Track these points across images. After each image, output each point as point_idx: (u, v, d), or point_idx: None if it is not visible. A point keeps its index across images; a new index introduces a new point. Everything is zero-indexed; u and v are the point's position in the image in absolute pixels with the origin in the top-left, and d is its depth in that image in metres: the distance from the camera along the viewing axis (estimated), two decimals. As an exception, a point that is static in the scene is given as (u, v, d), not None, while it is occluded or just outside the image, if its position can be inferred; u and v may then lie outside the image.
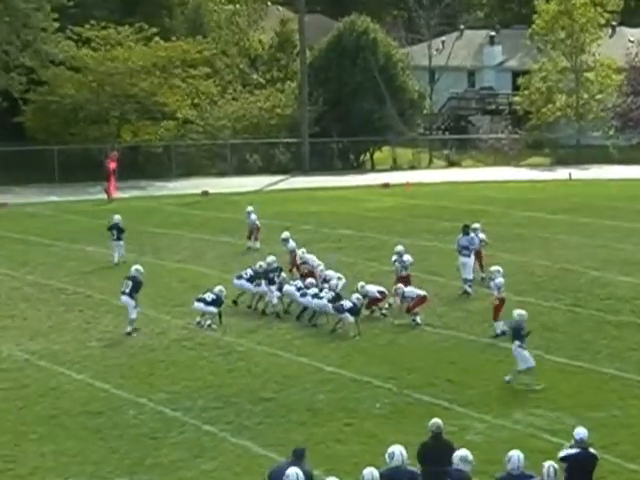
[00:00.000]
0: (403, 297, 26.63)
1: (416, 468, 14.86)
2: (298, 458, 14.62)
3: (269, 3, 73.18)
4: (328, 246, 36.37)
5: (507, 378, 22.32)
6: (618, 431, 19.45)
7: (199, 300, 26.91)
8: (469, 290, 29.50)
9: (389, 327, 26.58)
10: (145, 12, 61.44)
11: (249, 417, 20.58)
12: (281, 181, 55.36)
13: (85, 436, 19.75)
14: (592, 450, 15.68)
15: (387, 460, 14.54)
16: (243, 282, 28.42)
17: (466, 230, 30.37)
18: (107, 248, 34.97)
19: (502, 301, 25.61)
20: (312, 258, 29.83)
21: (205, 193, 50.10)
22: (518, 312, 22.66)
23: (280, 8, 75.32)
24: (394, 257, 28.77)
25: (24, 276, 32.71)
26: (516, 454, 14.70)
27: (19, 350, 25.06)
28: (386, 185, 52.54)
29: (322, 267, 29.20)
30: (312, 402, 21.37)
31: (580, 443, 15.59)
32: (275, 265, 28.38)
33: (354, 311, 25.88)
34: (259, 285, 28.02)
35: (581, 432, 15.74)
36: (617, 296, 29.13)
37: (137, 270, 26.80)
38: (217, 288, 27.00)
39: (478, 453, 16.54)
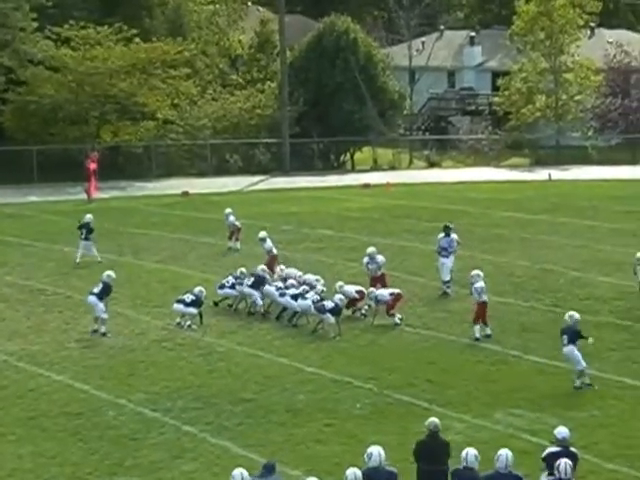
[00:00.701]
0: (377, 301, 26.63)
1: (394, 468, 14.86)
2: (268, 472, 14.63)
3: (249, 3, 73.15)
4: (308, 246, 36.39)
5: (577, 384, 21.95)
6: (597, 431, 19.51)
7: (178, 301, 26.88)
8: (448, 291, 29.55)
9: (369, 328, 26.60)
10: (125, 12, 61.25)
11: (229, 418, 20.57)
12: (261, 181, 55.33)
13: (64, 437, 19.69)
14: (573, 449, 15.76)
15: (366, 460, 14.56)
16: (227, 290, 28.38)
17: (447, 231, 30.36)
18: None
19: (484, 305, 25.55)
20: (293, 271, 29.17)
21: (185, 193, 50.04)
22: (570, 314, 22.34)
23: (260, 8, 75.29)
24: (365, 259, 28.68)
25: (2, 277, 32.59)
26: (505, 453, 14.79)
27: (-2, 351, 24.98)
28: (367, 185, 52.58)
29: (301, 274, 29.12)
30: (292, 403, 21.37)
31: (562, 442, 15.74)
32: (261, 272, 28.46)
33: (335, 311, 25.88)
34: (241, 285, 28.02)
35: (563, 431, 15.89)
36: (596, 296, 29.22)
37: (109, 276, 26.72)
38: (197, 289, 26.96)
39: (458, 453, 16.57)
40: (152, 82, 56.61)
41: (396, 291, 26.97)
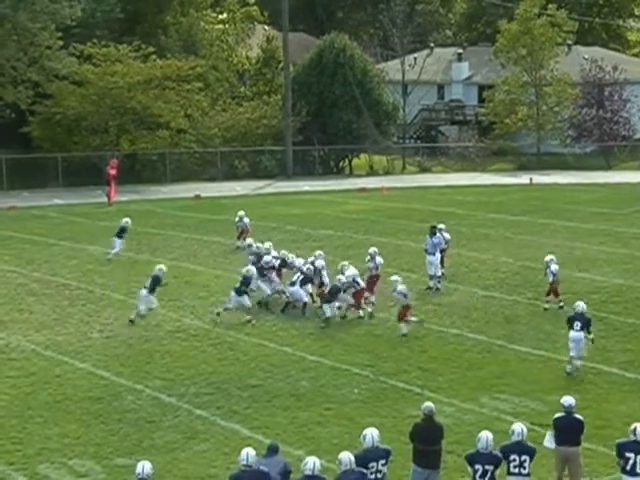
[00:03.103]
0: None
1: (389, 447, 14.83)
2: (272, 452, 14.58)
3: (256, 22, 73.04)
4: (309, 245, 36.34)
5: (569, 369, 21.85)
6: (575, 414, 19.47)
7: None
8: (439, 286, 29.49)
9: (366, 319, 26.53)
10: (143, 31, 61.39)
11: (238, 402, 20.53)
12: (267, 186, 55.27)
13: (87, 420, 19.67)
14: (578, 415, 16.02)
15: (361, 441, 14.54)
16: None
17: (433, 231, 30.27)
18: (106, 247, 34.91)
19: (407, 308, 25.18)
20: (298, 261, 28.60)
21: (197, 197, 49.99)
22: (579, 303, 22.38)
23: (266, 27, 75.19)
24: (368, 258, 28.27)
25: (30, 273, 32.57)
26: (485, 435, 14.73)
27: (26, 341, 24.95)
28: (363, 189, 52.53)
29: (293, 257, 28.77)
30: (295, 388, 21.33)
31: (567, 409, 15.97)
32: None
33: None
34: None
35: (568, 399, 16.09)
36: (573, 291, 29.13)
37: (160, 269, 26.98)
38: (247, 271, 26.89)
39: (447, 435, 16.56)
40: (167, 95, 56.59)
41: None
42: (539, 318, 26.52)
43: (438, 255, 29.73)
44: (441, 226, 30.99)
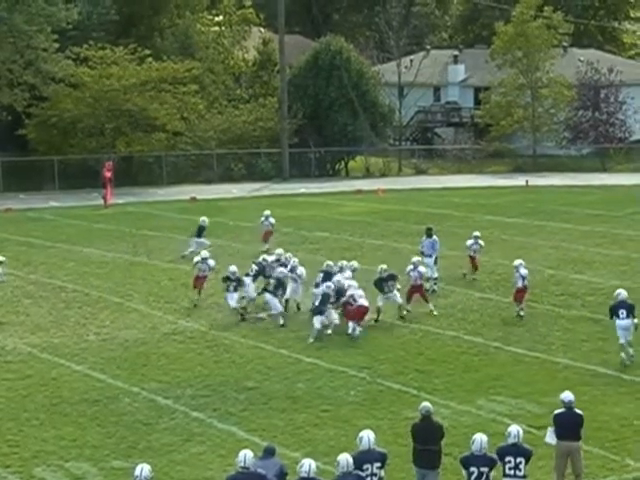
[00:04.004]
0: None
1: (385, 450, 14.81)
2: (269, 454, 14.58)
3: (252, 25, 73.05)
4: (307, 247, 36.36)
5: (624, 356, 22.49)
6: (571, 415, 19.47)
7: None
8: (435, 287, 29.46)
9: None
10: (138, 34, 61.38)
11: (234, 404, 20.53)
12: (263, 188, 55.27)
13: (83, 422, 19.66)
14: (578, 410, 16.15)
15: (358, 443, 14.54)
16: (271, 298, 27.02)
17: (429, 233, 30.25)
18: (102, 250, 34.89)
19: (362, 309, 25.16)
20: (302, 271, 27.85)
21: (193, 199, 49.99)
22: (619, 291, 22.74)
23: (262, 29, 75.21)
24: (410, 267, 27.15)
25: (27, 275, 32.56)
26: (479, 437, 14.72)
27: (23, 343, 24.94)
28: (359, 191, 52.55)
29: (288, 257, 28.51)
30: (292, 390, 21.33)
31: (567, 404, 16.11)
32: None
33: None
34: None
35: (568, 395, 16.24)
36: (570, 292, 29.21)
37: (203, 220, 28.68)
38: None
39: (444, 437, 16.53)
40: (163, 97, 56.63)
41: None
42: (535, 320, 26.54)
43: (434, 257, 29.71)
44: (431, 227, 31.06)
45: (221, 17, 71.20)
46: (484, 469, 14.47)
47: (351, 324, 25.02)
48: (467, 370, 22.60)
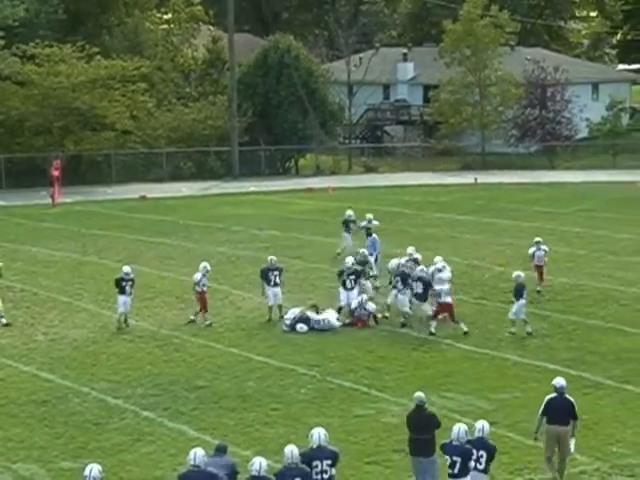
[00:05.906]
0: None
1: (336, 449, 14.79)
2: (221, 452, 14.54)
3: (201, 23, 72.74)
4: (257, 245, 36.28)
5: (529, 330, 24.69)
6: (519, 411, 19.63)
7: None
8: (377, 284, 29.37)
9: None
10: (87, 32, 60.90)
11: (184, 403, 20.45)
12: (213, 186, 55.06)
13: (32, 423, 19.47)
14: (568, 397, 16.49)
15: (309, 440, 14.53)
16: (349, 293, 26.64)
17: (369, 232, 30.71)
18: (50, 249, 34.50)
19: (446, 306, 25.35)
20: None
21: (143, 198, 49.70)
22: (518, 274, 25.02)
23: (211, 27, 74.89)
24: (440, 266, 26.58)
25: (-26, 275, 32.13)
26: (458, 427, 14.85)
27: (-31, 344, 24.65)
28: (310, 189, 52.54)
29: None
30: (242, 389, 21.29)
31: (559, 389, 16.49)
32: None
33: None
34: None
35: (560, 381, 16.65)
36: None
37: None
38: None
39: (395, 434, 16.61)
40: (112, 96, 56.18)
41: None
42: (484, 317, 26.70)
43: (374, 255, 30.04)
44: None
45: (170, 15, 70.84)
46: (457, 459, 14.57)
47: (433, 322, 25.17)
48: (418, 367, 22.69)
